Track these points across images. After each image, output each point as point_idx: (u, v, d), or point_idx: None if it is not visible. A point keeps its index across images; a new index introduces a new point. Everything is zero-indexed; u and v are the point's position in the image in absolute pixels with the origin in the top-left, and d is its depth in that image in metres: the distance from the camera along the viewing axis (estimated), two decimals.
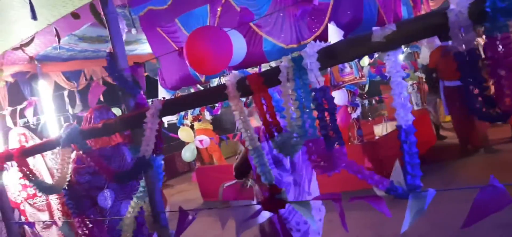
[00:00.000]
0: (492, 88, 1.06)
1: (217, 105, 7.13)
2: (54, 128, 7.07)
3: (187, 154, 7.64)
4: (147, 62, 2.04)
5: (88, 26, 5.82)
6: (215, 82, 6.41)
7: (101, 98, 8.04)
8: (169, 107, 1.78)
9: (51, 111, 7.13)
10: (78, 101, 7.52)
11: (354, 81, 5.63)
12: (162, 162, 2.10)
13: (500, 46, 0.97)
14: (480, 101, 1.03)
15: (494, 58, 0.98)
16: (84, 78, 7.83)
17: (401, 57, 6.18)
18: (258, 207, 1.73)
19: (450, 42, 6.01)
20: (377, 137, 6.31)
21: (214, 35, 1.61)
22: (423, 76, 6.96)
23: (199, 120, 8.25)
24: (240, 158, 2.85)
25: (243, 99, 2.70)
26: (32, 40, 2.69)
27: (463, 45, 1.03)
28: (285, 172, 2.60)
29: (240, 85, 1.52)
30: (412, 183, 1.33)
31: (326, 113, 1.35)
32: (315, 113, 1.42)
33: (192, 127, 8.08)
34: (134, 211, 2.19)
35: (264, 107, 1.52)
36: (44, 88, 7.15)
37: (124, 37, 2.00)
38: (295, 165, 2.65)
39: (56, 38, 2.39)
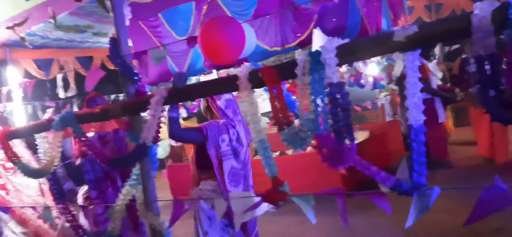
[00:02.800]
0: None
1: (194, 102, 7.07)
2: (22, 116, 6.81)
3: (160, 150, 7.51)
4: (153, 50, 2.00)
5: (66, 14, 5.66)
6: (193, 80, 6.36)
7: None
8: (174, 95, 1.77)
9: (19, 99, 6.86)
10: (72, 84, 7.23)
11: None
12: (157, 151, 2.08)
13: None
14: (497, 104, 1.09)
15: None
16: (56, 67, 7.55)
17: (377, 69, 6.36)
18: (258, 198, 1.75)
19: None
20: None
21: (230, 25, 1.63)
22: (396, 88, 7.20)
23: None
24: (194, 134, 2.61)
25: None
26: (25, 20, 2.59)
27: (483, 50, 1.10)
28: (239, 163, 2.68)
29: (252, 76, 1.53)
30: (418, 181, 1.39)
31: (339, 109, 1.39)
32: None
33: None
34: (125, 199, 2.15)
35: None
36: (13, 75, 6.86)
37: (127, 23, 1.97)
38: (246, 159, 2.74)
39: (52, 20, 2.30)
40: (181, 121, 8.35)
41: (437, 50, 7.34)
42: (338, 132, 1.43)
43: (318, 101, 1.42)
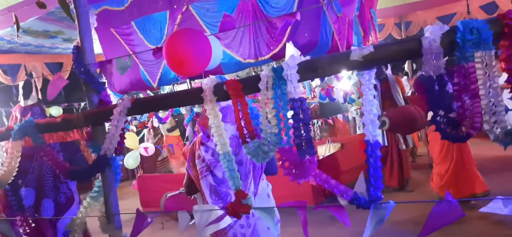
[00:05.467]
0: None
1: (167, 112, 7.00)
2: None
3: (130, 161, 7.37)
4: (118, 59, 1.95)
5: (35, 19, 5.52)
6: (166, 89, 6.30)
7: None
8: (139, 106, 1.76)
9: None
10: (33, 92, 7.00)
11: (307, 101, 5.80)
12: (121, 163, 2.05)
13: (466, 74, 1.09)
14: (445, 122, 1.14)
15: (460, 84, 1.10)
16: (23, 73, 7.33)
17: (349, 84, 6.49)
18: (222, 211, 1.75)
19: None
20: (320, 157, 6.53)
21: (197, 38, 1.63)
22: None
23: (146, 127, 8.04)
24: (187, 178, 2.47)
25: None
26: None
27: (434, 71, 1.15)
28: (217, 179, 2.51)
29: (217, 89, 1.54)
30: (374, 195, 1.42)
31: (301, 124, 1.42)
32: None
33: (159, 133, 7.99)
34: (86, 211, 2.10)
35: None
36: None
37: (93, 30, 1.94)
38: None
39: (15, 26, 2.24)
40: (165, 132, 8.28)
41: (406, 66, 7.56)
42: (300, 146, 1.46)
43: (281, 115, 1.45)
